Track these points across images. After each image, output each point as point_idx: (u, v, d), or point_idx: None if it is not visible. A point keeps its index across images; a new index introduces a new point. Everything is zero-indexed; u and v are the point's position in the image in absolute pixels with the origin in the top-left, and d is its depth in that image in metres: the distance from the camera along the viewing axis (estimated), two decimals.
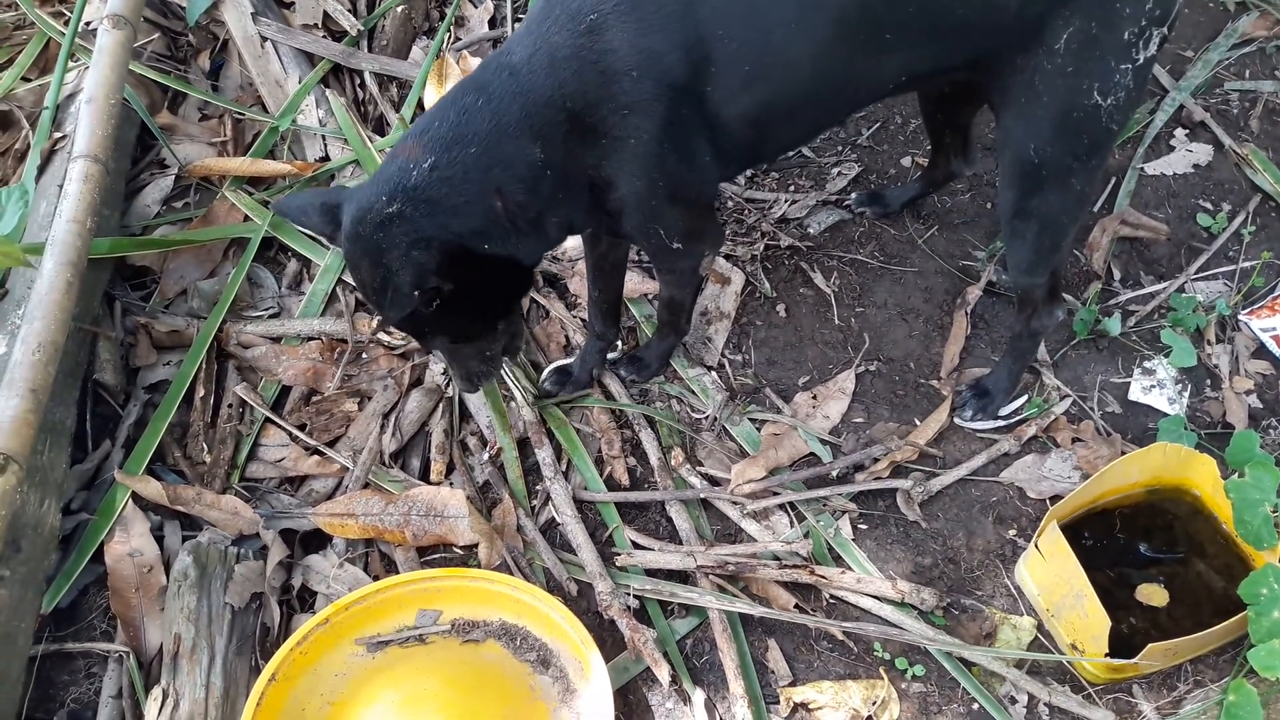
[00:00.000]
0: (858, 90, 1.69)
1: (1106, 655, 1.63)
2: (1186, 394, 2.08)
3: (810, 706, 1.70)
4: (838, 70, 1.60)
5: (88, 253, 1.78)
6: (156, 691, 1.61)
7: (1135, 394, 2.09)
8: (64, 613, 1.78)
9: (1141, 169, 2.41)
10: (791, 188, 2.40)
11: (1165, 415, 2.04)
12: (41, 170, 2.17)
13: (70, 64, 2.32)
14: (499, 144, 1.51)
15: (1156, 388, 2.09)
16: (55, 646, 1.73)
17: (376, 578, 1.81)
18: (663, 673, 1.69)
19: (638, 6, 1.50)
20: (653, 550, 1.85)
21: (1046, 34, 1.52)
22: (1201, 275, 2.25)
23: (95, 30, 2.17)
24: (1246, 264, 2.25)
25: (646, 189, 1.62)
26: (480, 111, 1.52)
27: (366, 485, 1.93)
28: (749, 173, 2.43)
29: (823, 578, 1.79)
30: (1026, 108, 1.61)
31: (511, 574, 1.78)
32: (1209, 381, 2.10)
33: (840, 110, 1.81)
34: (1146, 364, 2.12)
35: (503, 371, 1.96)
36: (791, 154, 2.46)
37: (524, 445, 2.00)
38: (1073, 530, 1.78)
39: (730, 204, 2.36)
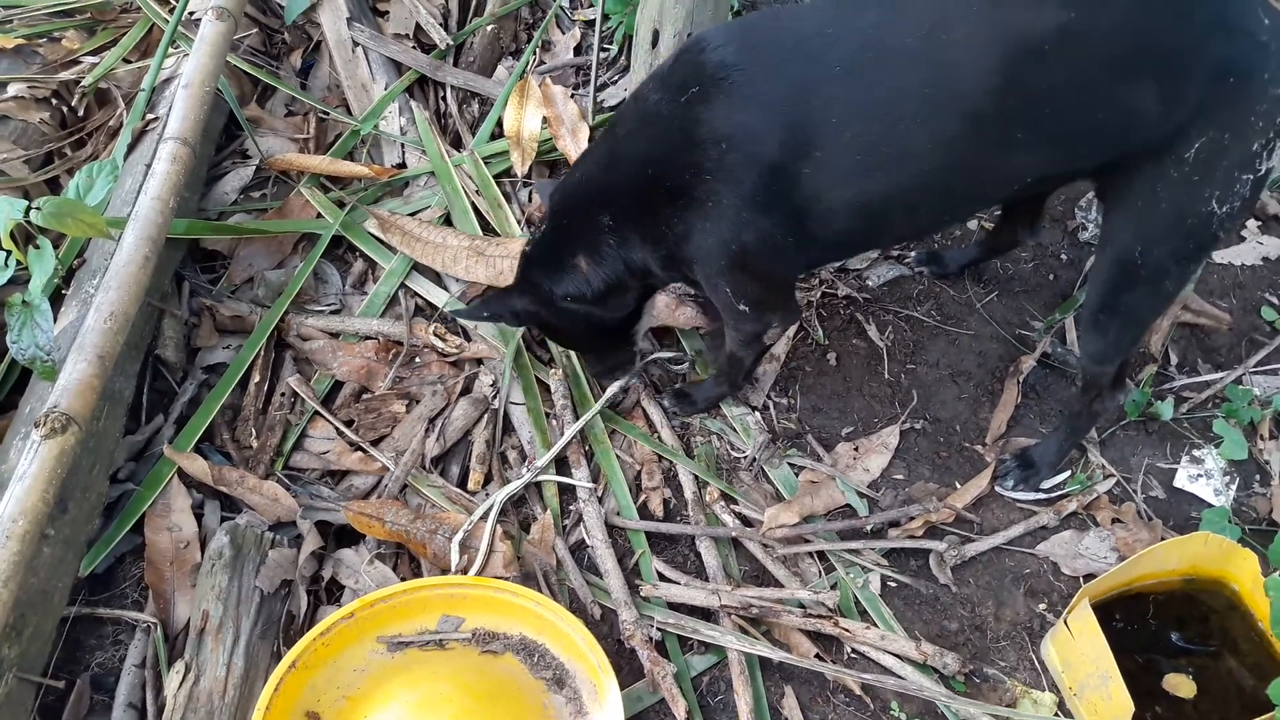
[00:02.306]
0: (981, 189, 1.68)
1: None
2: (1234, 487, 2.05)
3: None
4: (961, 167, 1.59)
5: (167, 231, 1.83)
6: (179, 665, 1.64)
7: (1181, 481, 2.06)
8: (99, 578, 1.82)
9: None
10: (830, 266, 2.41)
11: (1210, 506, 2.01)
12: (131, 148, 2.25)
13: (170, 51, 2.40)
14: (585, 213, 1.76)
15: (1204, 477, 2.06)
16: (87, 610, 1.77)
17: (404, 578, 1.83)
18: (679, 710, 1.68)
19: (743, 85, 1.56)
20: (679, 584, 1.86)
21: (1179, 143, 1.52)
22: (1261, 369, 2.22)
23: (197, 19, 2.25)
24: None
25: (717, 251, 1.68)
26: (581, 182, 1.80)
27: (405, 487, 1.96)
28: None
29: (846, 630, 1.78)
30: (1142, 210, 1.61)
31: (540, 590, 1.80)
32: (1258, 477, 2.07)
33: (962, 208, 1.81)
34: (1195, 452, 2.10)
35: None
36: None
37: (563, 465, 2.02)
38: (1105, 611, 1.76)
39: None
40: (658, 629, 1.79)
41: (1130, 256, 1.66)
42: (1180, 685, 1.75)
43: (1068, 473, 2.05)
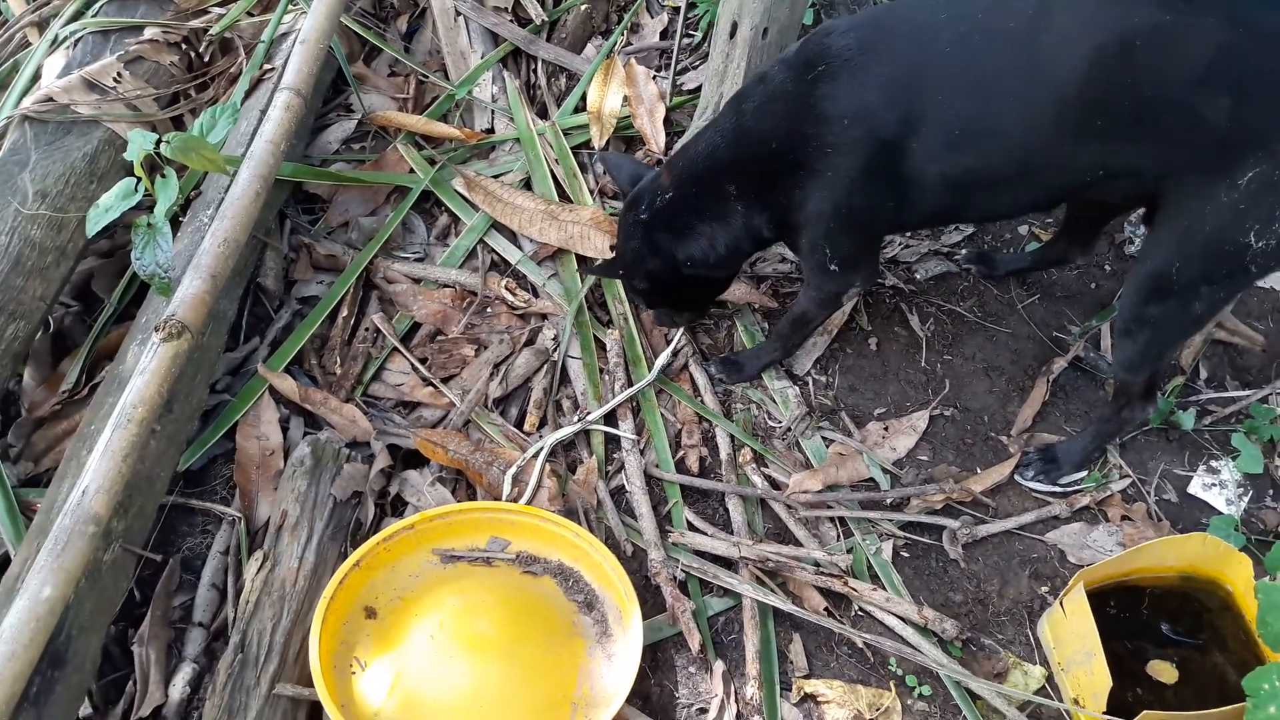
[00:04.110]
0: (1056, 174, 1.76)
1: (1104, 714, 1.73)
2: (1246, 499, 2.15)
3: (819, 699, 1.85)
4: (1041, 148, 1.70)
5: (276, 171, 2.04)
6: (258, 554, 1.85)
7: (1195, 488, 2.16)
8: (194, 474, 2.05)
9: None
10: (909, 233, 2.54)
11: (1220, 514, 2.11)
12: (248, 94, 2.47)
13: (289, 8, 2.62)
14: (712, 183, 1.93)
15: (1218, 487, 2.17)
16: (181, 500, 2.00)
17: (461, 501, 2.02)
18: (694, 641, 1.85)
19: (864, 66, 1.71)
20: (705, 534, 2.02)
21: (1235, 168, 1.59)
22: None
23: None
24: None
25: (830, 213, 1.84)
26: (707, 153, 1.94)
27: (468, 422, 2.16)
28: None
29: (854, 590, 1.93)
30: (1187, 229, 1.69)
31: (580, 524, 1.98)
32: (1271, 491, 2.16)
33: (1035, 192, 1.85)
34: (1213, 463, 2.20)
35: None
36: None
37: (610, 417, 2.19)
38: (1102, 597, 1.88)
39: None
40: (682, 571, 1.95)
41: (1166, 270, 1.74)
42: (1163, 671, 1.87)
43: (1085, 472, 2.16)
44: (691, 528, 2.04)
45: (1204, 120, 1.58)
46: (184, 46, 2.57)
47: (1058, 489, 2.15)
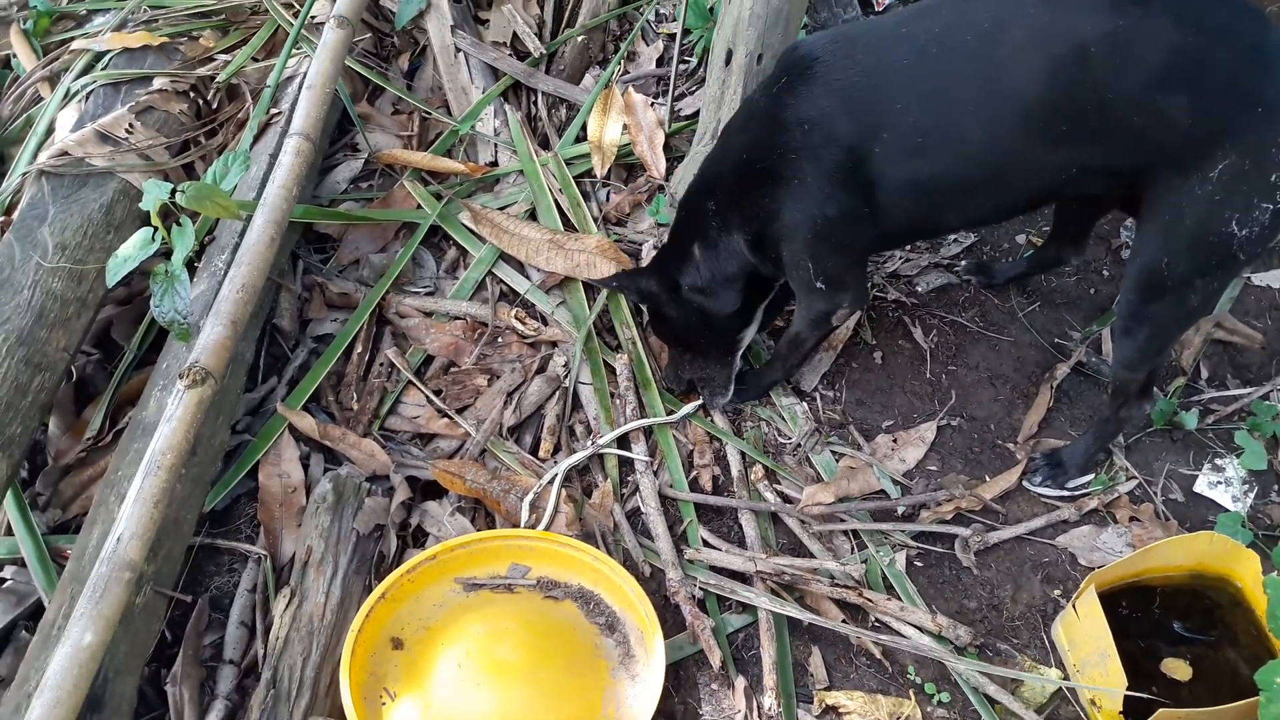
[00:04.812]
0: (1028, 177, 1.82)
1: (1122, 714, 1.77)
2: (1251, 495, 2.18)
3: (840, 711, 1.88)
4: (1009, 153, 1.77)
5: (289, 216, 2.09)
6: (286, 591, 1.89)
7: (1201, 487, 2.20)
8: (219, 514, 2.09)
9: (1249, 278, 2.51)
10: (908, 247, 2.59)
11: (1226, 511, 2.15)
12: (256, 139, 2.53)
13: (294, 52, 2.68)
14: (700, 203, 2.01)
15: (1223, 484, 2.20)
16: (208, 541, 2.04)
17: (480, 530, 2.07)
18: (715, 658, 1.89)
19: (823, 75, 1.79)
20: (721, 551, 2.06)
21: (1205, 161, 1.66)
22: None
23: (318, 23, 2.52)
24: None
25: (802, 223, 1.90)
26: (699, 175, 2.04)
27: (484, 451, 2.20)
28: None
29: (870, 600, 1.97)
30: (1169, 224, 1.75)
31: (598, 547, 2.02)
32: (1276, 487, 2.19)
33: (1012, 195, 1.91)
34: (1218, 461, 2.23)
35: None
36: None
37: (623, 440, 2.24)
38: (1114, 598, 1.91)
39: None
40: (700, 588, 1.99)
41: (1157, 267, 1.80)
42: (1177, 669, 1.90)
43: (1092, 474, 2.20)
44: (707, 544, 2.08)
45: (1167, 118, 1.65)
46: (192, 94, 2.64)
47: (1065, 493, 2.19)
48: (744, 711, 1.86)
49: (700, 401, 2.27)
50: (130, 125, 2.44)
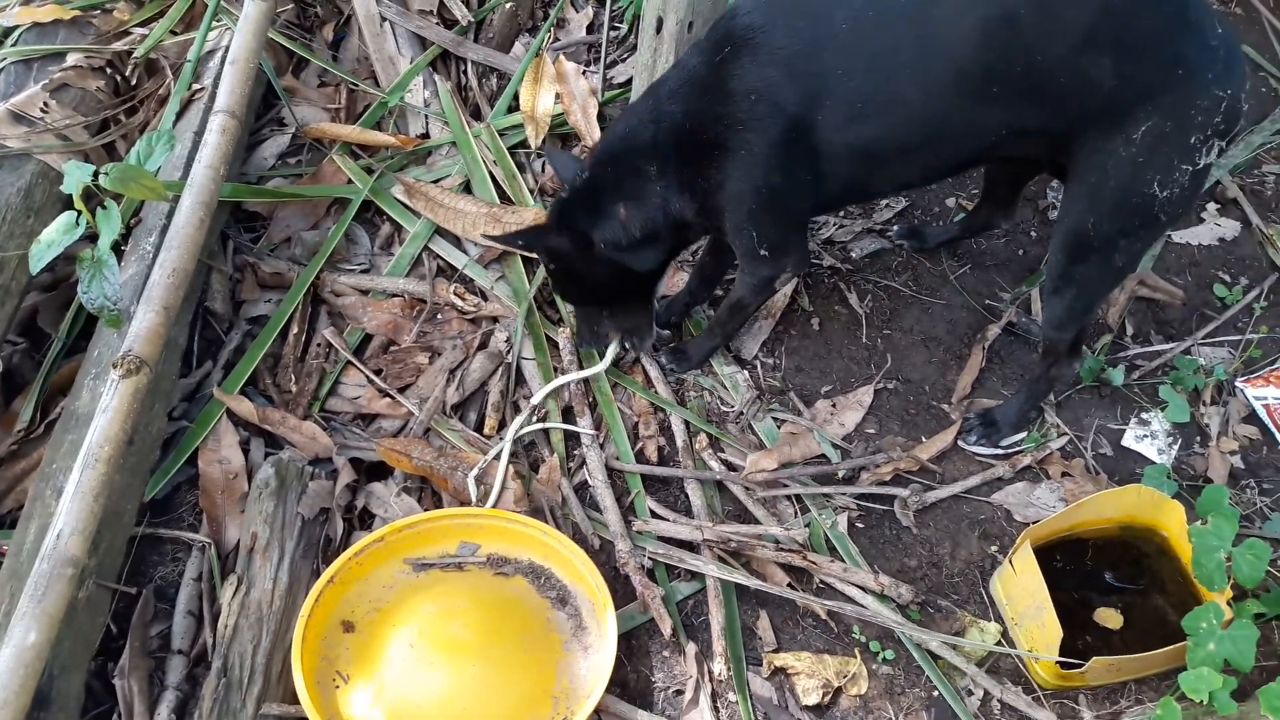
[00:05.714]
0: (962, 138, 1.85)
1: (1058, 664, 1.83)
2: (1176, 447, 2.27)
3: (789, 671, 1.93)
4: (944, 114, 1.79)
5: (218, 195, 2.05)
6: (232, 579, 1.87)
7: (1128, 441, 2.28)
8: (160, 503, 2.06)
9: (1169, 237, 2.59)
10: (841, 214, 2.62)
11: (1153, 463, 2.23)
12: (179, 116, 2.46)
13: (214, 24, 2.60)
14: (628, 164, 1.94)
15: (1149, 438, 2.28)
16: (150, 530, 2.01)
17: (427, 509, 2.06)
18: (665, 626, 1.92)
19: (766, 44, 1.78)
20: (668, 521, 2.09)
21: (1128, 122, 1.71)
22: (1208, 341, 2.42)
23: None
24: (1253, 335, 2.42)
25: (748, 193, 1.90)
26: (624, 135, 1.96)
27: (428, 430, 2.19)
28: None
29: (814, 563, 2.01)
30: (1094, 185, 1.80)
31: (547, 522, 2.03)
32: (1199, 439, 2.28)
33: (945, 157, 1.93)
34: (1144, 415, 2.31)
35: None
36: None
37: (568, 414, 2.24)
38: (1048, 552, 1.98)
39: None
40: (649, 558, 2.02)
41: (1083, 228, 1.85)
42: (1109, 618, 1.98)
43: (1025, 433, 2.26)
44: (654, 515, 2.11)
45: (1092, 80, 1.69)
46: (109, 70, 2.56)
47: (1000, 451, 2.25)
48: (695, 677, 1.89)
49: (619, 341, 2.25)
50: (45, 104, 2.36)
